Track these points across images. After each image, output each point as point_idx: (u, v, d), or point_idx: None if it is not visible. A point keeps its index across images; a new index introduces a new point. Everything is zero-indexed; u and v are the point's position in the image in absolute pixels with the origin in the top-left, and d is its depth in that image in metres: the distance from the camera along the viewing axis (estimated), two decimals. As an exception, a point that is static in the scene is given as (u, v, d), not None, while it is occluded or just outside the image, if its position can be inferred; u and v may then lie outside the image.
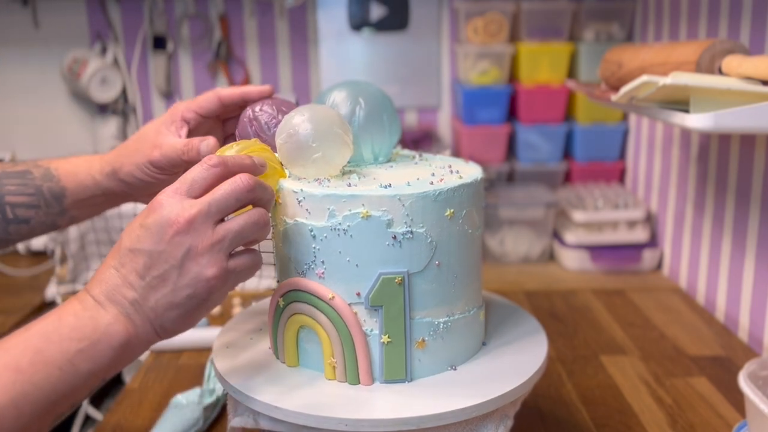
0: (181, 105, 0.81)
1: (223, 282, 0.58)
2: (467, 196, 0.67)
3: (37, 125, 1.84)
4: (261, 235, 0.61)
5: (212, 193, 0.58)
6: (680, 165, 1.39)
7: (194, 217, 0.56)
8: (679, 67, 0.86)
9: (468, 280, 0.69)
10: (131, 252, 0.57)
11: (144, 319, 0.57)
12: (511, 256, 1.58)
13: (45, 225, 0.83)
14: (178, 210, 0.57)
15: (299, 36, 1.80)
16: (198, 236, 0.56)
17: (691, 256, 1.35)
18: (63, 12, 1.77)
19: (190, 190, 0.58)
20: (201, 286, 0.57)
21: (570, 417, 0.92)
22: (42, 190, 0.81)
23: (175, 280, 0.56)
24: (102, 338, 0.55)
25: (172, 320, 0.58)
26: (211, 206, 0.57)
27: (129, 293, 0.57)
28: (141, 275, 0.57)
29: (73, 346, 0.54)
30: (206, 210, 0.57)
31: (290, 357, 0.69)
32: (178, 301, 0.57)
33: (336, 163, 0.68)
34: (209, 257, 0.57)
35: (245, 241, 0.59)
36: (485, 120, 1.66)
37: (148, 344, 0.59)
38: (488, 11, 1.61)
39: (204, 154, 0.74)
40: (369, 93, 0.74)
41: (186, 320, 0.59)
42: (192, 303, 0.57)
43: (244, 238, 0.59)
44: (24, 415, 0.51)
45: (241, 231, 0.58)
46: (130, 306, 0.57)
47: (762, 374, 0.78)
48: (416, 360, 0.66)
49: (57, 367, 0.53)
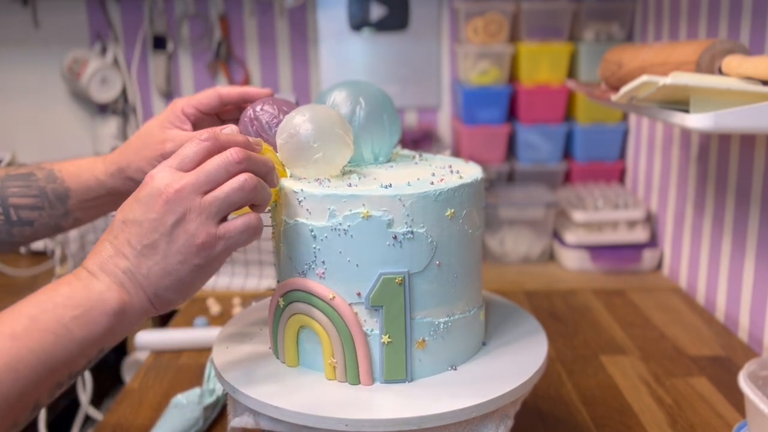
0: (181, 101, 0.81)
1: (213, 248, 0.59)
2: (468, 196, 0.67)
3: (37, 125, 1.84)
4: (250, 199, 0.61)
5: (202, 166, 0.59)
6: (680, 165, 1.39)
7: (183, 187, 0.58)
8: (679, 67, 0.86)
9: (468, 280, 0.69)
10: (123, 223, 0.59)
11: (137, 288, 0.58)
12: (511, 256, 1.58)
13: (49, 227, 0.83)
14: (168, 181, 0.58)
15: (299, 36, 1.80)
16: (187, 205, 0.58)
17: (691, 256, 1.35)
18: (63, 12, 1.77)
19: (181, 164, 0.59)
20: (192, 252, 0.58)
21: (570, 417, 0.92)
22: (46, 192, 0.81)
23: (166, 248, 0.57)
24: (96, 305, 0.56)
25: (165, 288, 0.59)
26: (199, 176, 0.58)
27: (122, 262, 0.58)
28: (133, 245, 0.58)
29: (68, 312, 0.55)
30: (195, 180, 0.58)
31: (290, 357, 0.69)
32: (170, 268, 0.58)
33: (337, 164, 0.68)
34: (197, 224, 0.58)
35: (234, 206, 0.60)
36: (485, 120, 1.66)
37: (144, 314, 0.60)
38: (488, 11, 1.61)
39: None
40: (369, 93, 0.74)
41: (181, 289, 0.59)
42: (184, 270, 0.58)
43: (232, 203, 0.59)
44: (21, 378, 0.52)
45: (226, 197, 0.59)
46: (123, 275, 0.58)
47: (762, 374, 0.78)
48: (416, 360, 0.66)
49: (52, 333, 0.54)
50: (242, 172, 0.60)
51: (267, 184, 0.63)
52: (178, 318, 1.27)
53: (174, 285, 0.59)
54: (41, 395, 0.54)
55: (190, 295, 0.61)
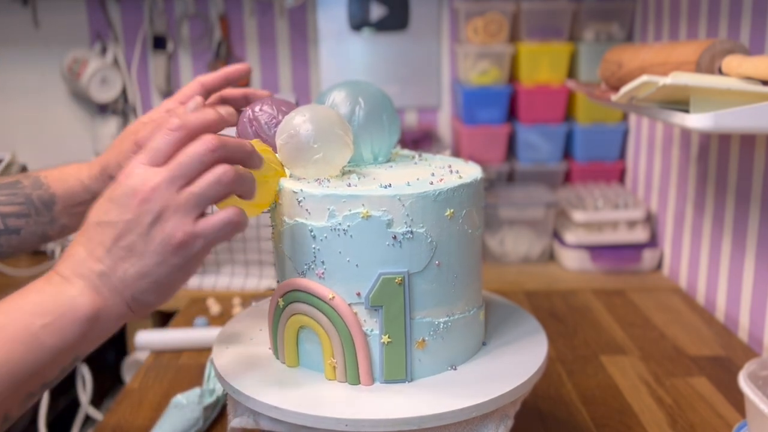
0: (165, 102, 0.82)
1: (191, 246, 0.56)
2: (467, 196, 0.67)
3: (37, 125, 1.84)
4: (230, 191, 0.58)
5: (176, 158, 0.56)
6: (680, 165, 1.39)
7: (158, 184, 0.55)
8: (679, 67, 0.86)
9: (468, 280, 0.69)
10: (98, 225, 0.56)
11: (113, 291, 0.55)
12: (511, 256, 1.58)
13: (36, 235, 0.82)
14: (142, 179, 0.55)
15: (299, 36, 1.80)
16: (163, 202, 0.55)
17: (691, 256, 1.35)
18: (63, 12, 1.77)
19: (153, 159, 0.56)
20: (169, 251, 0.55)
21: (570, 417, 0.92)
22: (32, 198, 0.81)
23: (143, 248, 0.55)
24: (67, 312, 0.53)
25: (143, 290, 0.56)
26: (173, 171, 0.56)
27: (96, 266, 0.55)
28: (108, 247, 0.55)
29: (37, 320, 0.52)
30: (169, 176, 0.55)
31: (290, 357, 0.69)
32: (147, 269, 0.55)
33: (336, 164, 0.68)
34: (174, 221, 0.55)
35: (211, 200, 0.57)
36: (485, 120, 1.66)
37: (121, 319, 0.57)
38: (488, 11, 1.61)
39: (191, 110, 0.72)
40: (369, 93, 0.74)
41: (159, 291, 0.57)
42: (162, 271, 0.56)
43: (209, 197, 0.56)
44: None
45: (202, 192, 0.56)
46: (97, 278, 0.55)
47: (762, 374, 0.78)
48: (416, 360, 0.66)
49: (20, 342, 0.51)
50: (218, 160, 0.57)
51: (248, 170, 0.60)
52: (178, 318, 1.27)
53: (152, 287, 0.56)
54: (11, 407, 0.52)
55: (170, 296, 0.58)
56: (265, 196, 0.67)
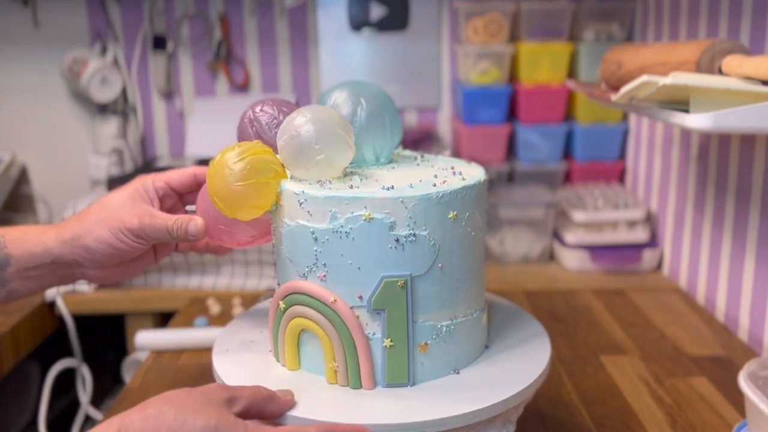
0: (151, 176, 0.79)
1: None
2: (470, 198, 0.66)
3: (37, 125, 1.84)
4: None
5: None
6: (680, 165, 1.39)
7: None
8: (679, 67, 0.86)
9: (471, 282, 0.69)
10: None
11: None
12: (511, 256, 1.58)
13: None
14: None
15: (299, 36, 1.80)
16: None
17: (691, 256, 1.35)
18: (63, 12, 1.77)
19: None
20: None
21: (570, 417, 0.92)
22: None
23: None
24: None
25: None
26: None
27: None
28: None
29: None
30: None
31: (291, 360, 0.69)
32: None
33: (338, 165, 0.68)
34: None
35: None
36: (485, 120, 1.66)
37: None
38: (488, 11, 1.61)
39: (192, 233, 0.74)
40: (370, 93, 0.74)
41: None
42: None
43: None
44: None
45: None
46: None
47: (762, 374, 0.78)
48: (419, 364, 0.66)
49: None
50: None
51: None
52: (178, 318, 1.27)
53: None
54: None
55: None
56: (266, 198, 0.67)
